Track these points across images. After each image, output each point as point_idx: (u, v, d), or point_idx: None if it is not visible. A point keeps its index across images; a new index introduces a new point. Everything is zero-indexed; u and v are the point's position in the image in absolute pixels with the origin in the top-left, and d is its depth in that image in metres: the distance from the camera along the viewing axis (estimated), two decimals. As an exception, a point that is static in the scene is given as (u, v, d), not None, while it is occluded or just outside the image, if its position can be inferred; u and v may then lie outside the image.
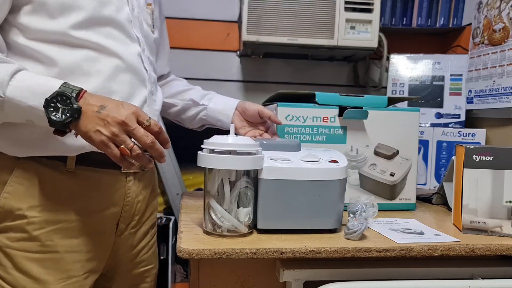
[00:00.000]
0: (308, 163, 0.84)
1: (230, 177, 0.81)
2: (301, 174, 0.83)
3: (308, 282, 0.81)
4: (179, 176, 1.75)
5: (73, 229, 0.86)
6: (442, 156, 1.52)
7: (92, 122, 0.72)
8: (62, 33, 0.81)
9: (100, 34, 0.84)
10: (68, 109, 0.72)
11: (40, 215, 0.83)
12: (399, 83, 1.65)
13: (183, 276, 1.81)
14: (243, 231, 0.82)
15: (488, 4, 1.50)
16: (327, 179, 0.84)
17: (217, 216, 0.81)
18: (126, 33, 0.89)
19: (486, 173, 0.90)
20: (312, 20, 1.47)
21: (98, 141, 0.72)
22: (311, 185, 0.83)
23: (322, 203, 0.84)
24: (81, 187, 0.86)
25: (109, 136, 0.72)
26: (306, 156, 0.86)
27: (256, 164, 0.81)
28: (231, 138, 0.81)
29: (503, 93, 1.40)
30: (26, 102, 0.73)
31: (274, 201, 0.83)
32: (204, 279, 0.88)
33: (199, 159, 0.81)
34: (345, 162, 0.87)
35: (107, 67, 0.85)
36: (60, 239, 0.84)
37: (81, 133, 0.74)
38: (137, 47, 0.91)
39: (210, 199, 0.82)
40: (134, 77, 0.90)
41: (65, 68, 0.82)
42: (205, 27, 1.71)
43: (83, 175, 0.86)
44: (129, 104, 0.76)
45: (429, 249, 0.80)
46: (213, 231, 0.82)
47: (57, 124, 0.72)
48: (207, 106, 1.12)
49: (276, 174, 0.82)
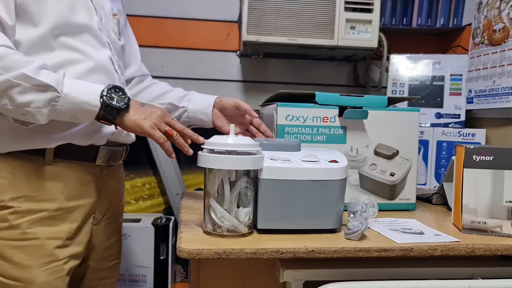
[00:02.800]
0: (308, 163, 0.84)
1: (230, 177, 0.81)
2: (301, 174, 0.83)
3: (308, 282, 0.81)
4: (179, 176, 1.75)
5: (53, 218, 0.92)
6: (442, 156, 1.52)
7: (139, 113, 0.88)
8: (45, 38, 0.88)
9: (76, 40, 0.93)
10: (123, 98, 0.87)
11: (21, 206, 0.89)
12: (399, 83, 1.65)
13: (183, 276, 1.81)
14: (243, 231, 0.82)
15: (488, 4, 1.50)
16: (327, 179, 0.84)
17: (217, 216, 0.81)
18: (98, 39, 0.98)
19: (486, 173, 0.90)
20: (312, 20, 1.47)
21: (148, 126, 0.86)
22: (311, 185, 0.83)
23: (322, 203, 0.84)
24: (60, 177, 0.93)
25: (155, 123, 0.87)
26: (306, 156, 0.86)
27: (256, 164, 0.81)
28: (231, 138, 0.82)
29: (503, 93, 1.40)
30: (80, 98, 0.84)
31: (274, 201, 0.83)
32: (204, 279, 0.88)
33: (199, 159, 0.82)
34: (345, 162, 0.87)
35: (83, 69, 0.93)
36: (41, 227, 0.91)
37: (131, 122, 0.87)
38: (108, 52, 1.00)
39: (210, 199, 0.82)
40: (107, 78, 0.97)
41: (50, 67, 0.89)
42: (205, 27, 1.71)
43: (61, 167, 0.94)
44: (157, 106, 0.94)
45: (429, 249, 0.80)
46: (213, 231, 0.82)
47: (114, 110, 0.85)
48: (187, 108, 1.16)
49: (276, 174, 0.82)
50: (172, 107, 1.17)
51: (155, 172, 1.73)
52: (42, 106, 0.82)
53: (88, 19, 0.96)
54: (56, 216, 0.93)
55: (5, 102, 0.81)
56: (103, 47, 0.99)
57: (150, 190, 1.81)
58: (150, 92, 1.23)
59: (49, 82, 0.81)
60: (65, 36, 0.92)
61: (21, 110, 0.82)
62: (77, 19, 0.93)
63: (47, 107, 0.83)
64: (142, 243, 1.59)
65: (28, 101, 0.81)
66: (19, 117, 0.84)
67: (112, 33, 1.05)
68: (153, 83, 1.26)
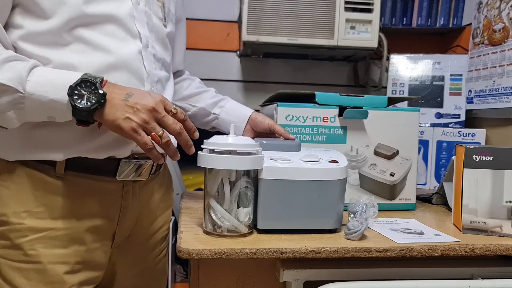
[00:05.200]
0: (308, 163, 0.84)
1: (230, 177, 0.80)
2: (301, 174, 0.83)
3: (308, 282, 0.81)
4: (179, 176, 1.75)
5: (59, 238, 0.80)
6: (442, 156, 1.52)
7: (120, 110, 0.71)
8: (55, 32, 0.77)
9: (94, 32, 0.80)
10: (94, 95, 0.71)
11: (24, 222, 0.78)
12: (399, 83, 1.65)
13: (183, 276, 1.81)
14: (243, 231, 0.82)
15: (488, 4, 1.50)
16: (327, 179, 0.84)
17: (217, 216, 0.81)
18: (126, 29, 0.83)
19: (486, 173, 0.90)
20: (312, 20, 1.47)
21: (128, 128, 0.71)
22: (311, 185, 0.83)
23: (322, 203, 0.84)
24: (70, 193, 0.81)
25: (139, 123, 0.71)
26: (306, 156, 0.86)
27: (256, 164, 0.81)
28: (231, 138, 0.81)
29: (503, 93, 1.40)
30: (47, 96, 0.71)
31: (274, 201, 0.83)
32: (204, 279, 0.88)
33: (199, 159, 0.81)
34: (345, 162, 0.87)
35: (99, 66, 0.80)
36: (44, 249, 0.79)
37: (108, 122, 0.72)
38: (138, 44, 0.85)
39: (210, 199, 0.81)
40: (131, 76, 0.84)
41: (58, 66, 0.78)
42: (205, 27, 1.71)
43: (73, 181, 0.81)
44: (155, 93, 0.76)
45: (429, 249, 0.80)
46: (213, 231, 0.82)
47: (83, 112, 0.71)
48: (219, 116, 1.09)
49: (276, 174, 0.82)
50: (204, 112, 1.10)
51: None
52: (5, 109, 0.70)
53: (113, 7, 0.81)
54: (62, 237, 0.80)
55: None
56: (132, 38, 0.84)
57: (150, 190, 1.81)
58: (183, 89, 1.12)
59: (5, 82, 0.69)
60: (82, 28, 0.79)
61: None
62: (95, 9, 0.79)
63: (11, 110, 0.71)
64: (142, 243, 1.58)
65: None
66: None
67: (155, 19, 0.90)
68: (186, 78, 1.16)
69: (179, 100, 1.12)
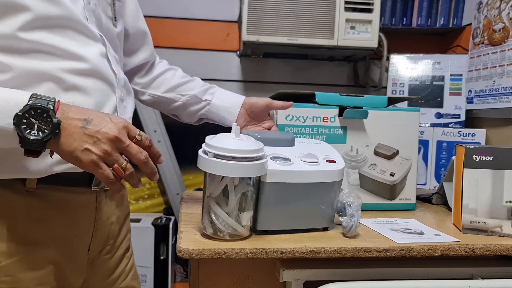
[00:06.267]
0: (308, 165, 0.84)
1: (234, 182, 0.77)
2: (303, 177, 0.83)
3: (308, 282, 0.81)
4: (179, 176, 1.75)
5: (37, 260, 0.73)
6: (442, 156, 1.52)
7: (78, 140, 0.62)
8: (10, 36, 0.67)
9: (56, 35, 0.70)
10: (46, 125, 0.60)
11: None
12: (399, 83, 1.65)
13: (183, 276, 1.81)
14: (245, 234, 0.81)
15: (488, 4, 1.50)
16: (327, 181, 0.84)
17: (219, 221, 0.79)
18: (88, 31, 0.75)
19: (486, 173, 0.90)
20: (312, 20, 1.47)
21: (88, 161, 0.62)
22: (312, 187, 0.83)
23: (319, 204, 0.85)
24: (44, 209, 0.73)
25: (100, 155, 0.62)
26: (306, 156, 0.85)
27: (261, 170, 0.78)
28: (236, 142, 0.77)
29: (503, 93, 1.40)
30: None
31: (275, 203, 0.83)
32: (204, 279, 0.88)
33: (201, 161, 0.77)
34: (342, 163, 0.87)
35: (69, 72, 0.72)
36: (22, 272, 0.71)
37: (64, 153, 0.63)
38: (101, 47, 0.78)
39: (212, 203, 0.79)
40: (101, 83, 0.76)
41: (20, 75, 0.68)
42: (205, 27, 1.71)
43: (46, 195, 0.73)
44: (116, 117, 0.67)
45: (429, 249, 0.80)
46: (214, 234, 0.79)
47: (33, 144, 0.61)
48: (211, 102, 1.04)
49: (279, 177, 0.81)
50: (195, 100, 1.04)
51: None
52: None
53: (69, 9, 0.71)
54: (38, 258, 0.72)
55: None
56: (94, 41, 0.76)
57: (150, 190, 1.82)
58: (166, 82, 1.05)
59: None
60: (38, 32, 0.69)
61: None
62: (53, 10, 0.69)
63: None
64: (142, 243, 1.59)
65: None
66: None
67: (105, 19, 0.81)
68: (166, 70, 1.08)
69: (166, 91, 1.06)
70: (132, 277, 0.96)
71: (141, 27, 1.01)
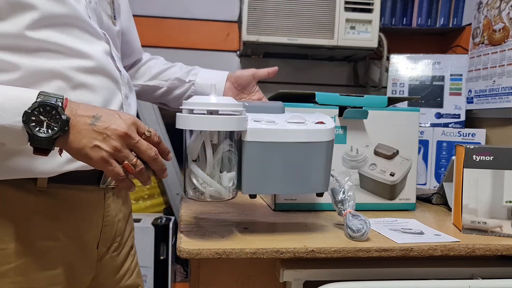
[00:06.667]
0: (293, 125, 0.80)
1: (212, 140, 0.74)
2: (287, 136, 0.78)
3: (308, 282, 0.81)
4: (179, 176, 1.75)
5: (49, 259, 0.73)
6: (442, 156, 1.52)
7: (87, 137, 0.62)
8: (17, 35, 0.67)
9: (62, 33, 0.71)
10: (56, 122, 0.61)
11: (8, 247, 0.70)
12: (399, 83, 1.65)
13: (183, 276, 1.81)
14: (226, 197, 0.77)
15: (488, 4, 1.50)
16: (313, 141, 0.80)
17: (199, 182, 0.75)
18: (92, 29, 0.76)
19: (486, 173, 0.90)
20: (312, 20, 1.47)
21: (98, 158, 0.62)
22: (298, 147, 0.79)
23: (309, 166, 0.80)
24: (55, 208, 0.74)
25: (110, 152, 0.63)
26: (292, 117, 0.81)
27: (240, 125, 0.75)
28: (213, 98, 0.75)
29: (503, 93, 1.40)
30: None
31: (259, 164, 0.78)
32: (204, 279, 0.88)
33: (177, 120, 0.73)
34: (332, 123, 0.83)
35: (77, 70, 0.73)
36: (35, 272, 0.72)
37: (73, 150, 0.63)
38: (105, 45, 0.79)
39: (191, 163, 0.75)
40: (107, 80, 0.77)
41: (28, 74, 0.68)
42: (205, 27, 1.72)
43: (57, 194, 0.74)
44: (125, 113, 0.67)
45: (429, 249, 0.80)
46: (195, 197, 0.77)
47: (43, 142, 0.61)
48: (195, 82, 1.04)
49: (261, 136, 0.77)
50: (179, 82, 1.04)
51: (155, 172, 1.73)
52: None
53: (73, 8, 0.72)
54: (52, 257, 0.73)
55: None
56: (98, 39, 0.77)
57: (150, 190, 1.82)
58: (150, 68, 1.06)
59: None
60: (45, 31, 0.69)
61: None
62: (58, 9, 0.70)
63: None
64: (142, 243, 1.59)
65: None
66: None
67: (105, 17, 0.82)
68: (148, 60, 1.09)
69: (149, 79, 1.06)
70: (137, 275, 0.97)
71: (133, 27, 1.04)
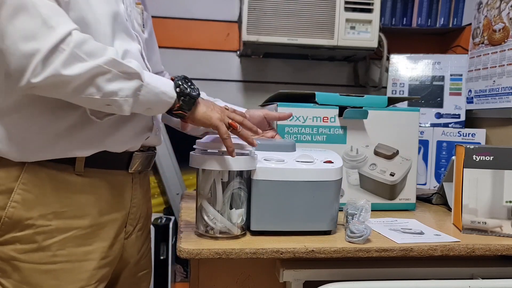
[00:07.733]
0: (302, 164, 0.83)
1: (222, 178, 0.79)
2: (295, 175, 0.82)
3: (308, 282, 0.81)
4: (179, 176, 1.75)
5: (86, 236, 0.82)
6: (442, 156, 1.52)
7: (205, 105, 0.83)
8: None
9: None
10: (194, 89, 0.81)
11: (51, 224, 0.79)
12: (399, 83, 1.65)
13: (183, 276, 1.81)
14: (235, 232, 0.81)
15: (488, 4, 1.50)
16: (322, 180, 0.83)
17: (209, 218, 0.80)
18: (128, 31, 0.86)
19: (486, 173, 0.90)
20: (312, 20, 1.47)
21: (216, 117, 0.81)
22: (306, 186, 0.83)
23: (317, 205, 0.83)
24: (92, 190, 0.83)
25: (220, 115, 0.82)
26: (301, 156, 0.85)
27: (249, 165, 0.80)
28: None
29: (503, 93, 1.40)
30: (159, 88, 0.78)
31: (268, 202, 0.82)
32: (204, 279, 0.88)
33: (191, 159, 0.80)
34: (340, 162, 0.86)
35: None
36: (73, 248, 0.80)
37: (200, 112, 0.81)
38: (137, 45, 0.89)
39: (203, 200, 0.80)
40: None
41: None
42: (205, 27, 1.71)
43: (93, 177, 0.83)
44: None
45: (429, 249, 0.80)
46: (206, 233, 0.81)
47: (192, 100, 0.80)
48: None
49: (269, 175, 0.81)
50: None
51: (155, 172, 1.73)
52: (130, 95, 0.74)
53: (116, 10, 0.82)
54: (89, 234, 0.82)
55: (92, 91, 0.71)
56: (132, 40, 0.87)
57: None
58: None
59: (135, 69, 0.74)
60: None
61: (107, 100, 0.73)
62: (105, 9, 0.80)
63: (133, 97, 0.75)
64: (142, 243, 1.58)
65: (117, 89, 0.73)
66: (103, 108, 0.75)
67: (136, 25, 0.92)
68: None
69: None
70: (149, 258, 1.05)
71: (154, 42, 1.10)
